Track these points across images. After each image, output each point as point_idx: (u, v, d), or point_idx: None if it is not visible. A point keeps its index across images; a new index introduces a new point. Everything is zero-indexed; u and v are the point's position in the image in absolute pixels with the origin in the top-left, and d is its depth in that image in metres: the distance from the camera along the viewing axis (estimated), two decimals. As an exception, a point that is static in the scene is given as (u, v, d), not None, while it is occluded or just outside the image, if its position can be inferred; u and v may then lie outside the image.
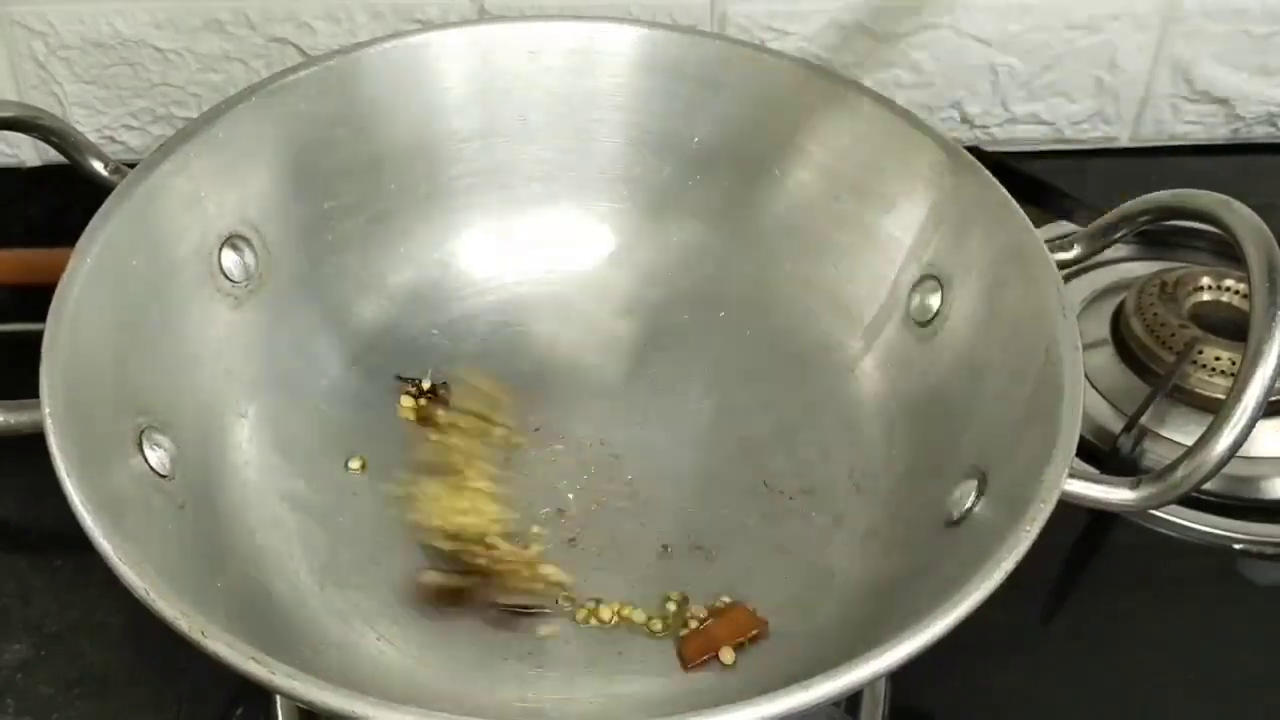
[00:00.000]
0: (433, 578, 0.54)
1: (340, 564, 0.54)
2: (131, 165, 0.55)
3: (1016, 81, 0.80)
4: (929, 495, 0.53)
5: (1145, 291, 0.68)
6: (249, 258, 0.58)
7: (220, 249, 0.57)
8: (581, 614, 0.53)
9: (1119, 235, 0.56)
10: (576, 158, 0.65)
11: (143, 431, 0.50)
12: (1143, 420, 0.62)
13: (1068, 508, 0.46)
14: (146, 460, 0.49)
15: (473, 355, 0.63)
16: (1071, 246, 0.56)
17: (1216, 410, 0.47)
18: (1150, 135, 0.84)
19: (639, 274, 0.66)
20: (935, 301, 0.57)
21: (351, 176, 0.62)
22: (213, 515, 0.52)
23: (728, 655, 0.51)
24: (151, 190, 0.54)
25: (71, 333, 0.48)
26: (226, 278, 0.57)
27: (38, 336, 0.47)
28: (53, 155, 0.59)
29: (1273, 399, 0.50)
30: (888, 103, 0.60)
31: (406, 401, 0.60)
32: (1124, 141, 0.84)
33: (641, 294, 0.65)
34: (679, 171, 0.65)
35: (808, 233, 0.63)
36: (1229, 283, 0.69)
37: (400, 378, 0.60)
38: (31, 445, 0.45)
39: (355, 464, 0.58)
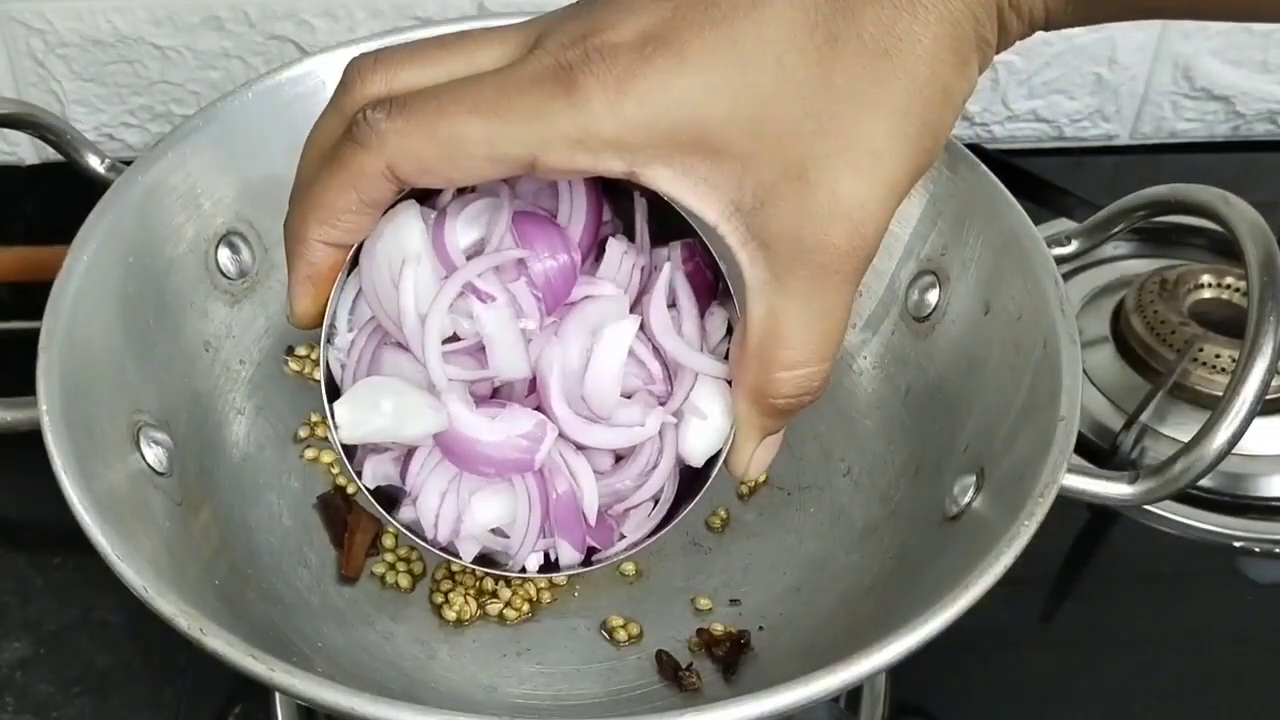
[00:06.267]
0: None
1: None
2: (129, 163, 0.55)
3: (1016, 79, 0.80)
4: (927, 490, 0.53)
5: (1145, 289, 0.68)
6: (245, 255, 0.58)
7: (216, 246, 0.57)
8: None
9: (1117, 230, 0.56)
10: (575, 155, 0.65)
11: (140, 429, 0.50)
12: (1143, 418, 0.62)
13: (1067, 505, 0.46)
14: (144, 458, 0.49)
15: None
16: (1069, 242, 0.56)
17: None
18: (1150, 132, 0.84)
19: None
20: (933, 297, 0.57)
21: (350, 174, 0.61)
22: (210, 512, 0.52)
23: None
24: (148, 187, 0.54)
25: (68, 330, 0.48)
26: (223, 274, 0.57)
27: (36, 334, 0.47)
28: (51, 153, 0.59)
29: (1270, 396, 0.50)
30: (886, 99, 0.60)
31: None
32: (1124, 139, 0.84)
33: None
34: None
35: (806, 229, 0.62)
36: (1229, 280, 0.68)
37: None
38: (30, 443, 0.45)
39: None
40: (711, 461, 0.47)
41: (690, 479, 0.49)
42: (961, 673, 0.55)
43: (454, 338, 0.45)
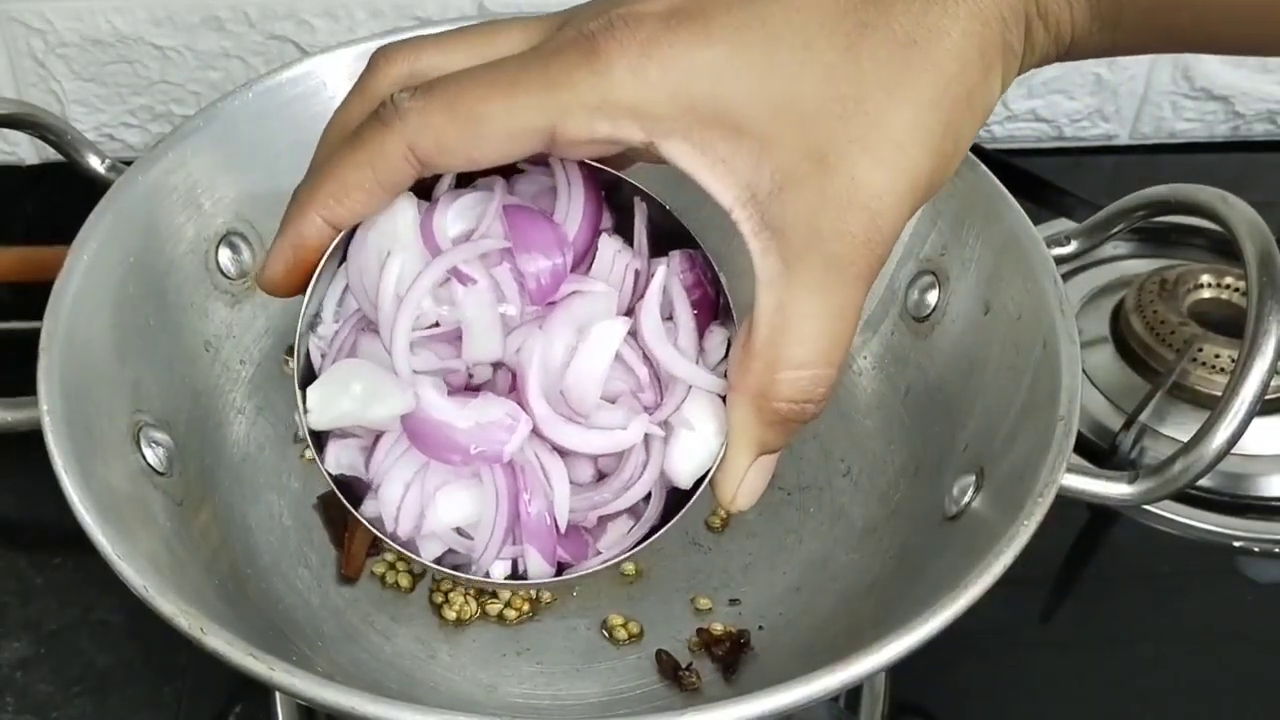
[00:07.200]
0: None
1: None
2: (129, 163, 0.55)
3: (1015, 79, 0.80)
4: (927, 490, 0.53)
5: (1145, 289, 0.68)
6: (245, 255, 0.58)
7: (217, 246, 0.57)
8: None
9: (1116, 230, 0.56)
10: (575, 155, 0.65)
11: (140, 429, 0.50)
12: (1142, 418, 0.62)
13: (1067, 505, 0.46)
14: (144, 457, 0.49)
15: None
16: (1069, 242, 0.56)
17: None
18: (1149, 133, 0.84)
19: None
20: (933, 297, 0.57)
21: (350, 174, 0.61)
22: (210, 512, 0.52)
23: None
24: (148, 188, 0.54)
25: (69, 330, 0.48)
26: (223, 274, 0.57)
27: (36, 334, 0.47)
28: (51, 153, 0.59)
29: (1270, 396, 0.50)
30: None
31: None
32: (1123, 139, 0.84)
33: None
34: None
35: (806, 229, 0.62)
36: (1229, 280, 0.68)
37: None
38: (30, 443, 0.45)
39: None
40: (697, 485, 0.45)
41: (674, 506, 0.46)
42: (961, 673, 0.55)
43: (435, 326, 0.45)
